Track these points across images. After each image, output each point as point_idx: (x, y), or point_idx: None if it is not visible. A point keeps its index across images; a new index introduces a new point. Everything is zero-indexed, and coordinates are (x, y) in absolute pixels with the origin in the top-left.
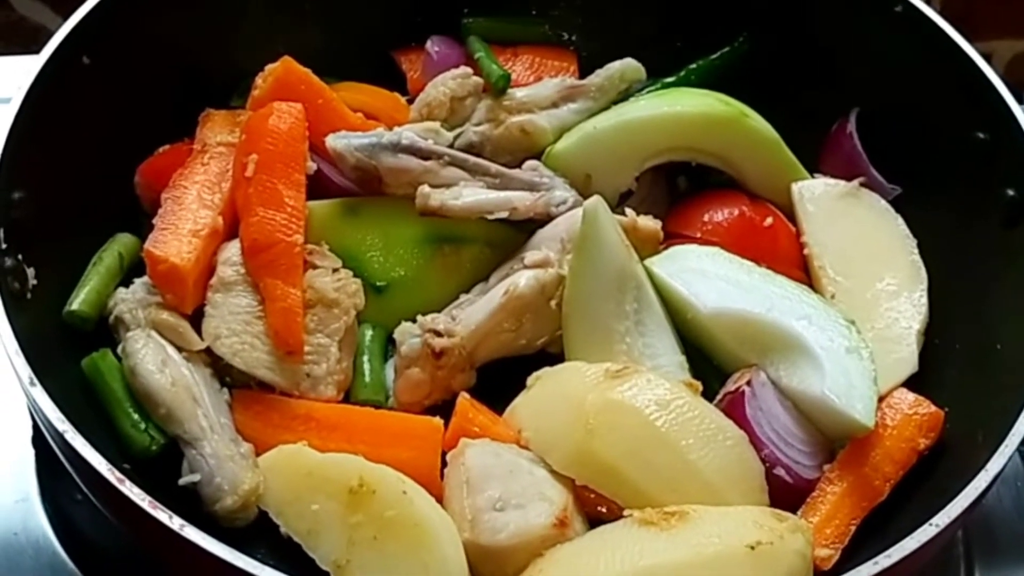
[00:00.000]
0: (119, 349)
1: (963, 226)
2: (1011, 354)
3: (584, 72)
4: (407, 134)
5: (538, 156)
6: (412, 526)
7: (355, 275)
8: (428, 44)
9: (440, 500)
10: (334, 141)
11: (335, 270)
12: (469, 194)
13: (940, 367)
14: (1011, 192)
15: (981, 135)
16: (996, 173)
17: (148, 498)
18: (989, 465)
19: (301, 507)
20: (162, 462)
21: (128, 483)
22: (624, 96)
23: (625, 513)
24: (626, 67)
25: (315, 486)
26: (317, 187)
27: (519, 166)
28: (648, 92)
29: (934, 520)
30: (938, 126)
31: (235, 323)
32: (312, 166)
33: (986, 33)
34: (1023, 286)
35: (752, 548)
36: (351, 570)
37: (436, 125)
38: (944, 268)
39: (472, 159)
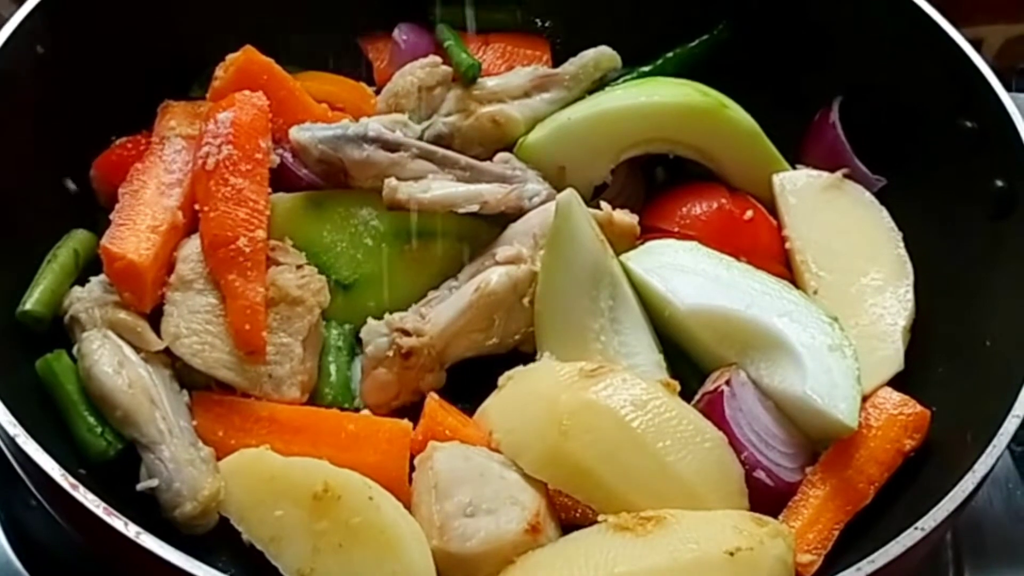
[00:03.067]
0: (74, 350)
1: (950, 218)
2: (1000, 350)
3: (558, 61)
4: (374, 126)
5: (510, 148)
6: (379, 533)
7: (320, 272)
8: (396, 32)
9: (408, 506)
10: (298, 133)
11: (299, 267)
12: (438, 187)
13: (927, 365)
14: (1000, 182)
15: (969, 123)
16: (985, 163)
17: (103, 504)
18: (977, 466)
19: (264, 513)
20: (119, 467)
21: (82, 489)
22: (599, 85)
23: (600, 518)
24: (601, 55)
25: (278, 491)
26: (280, 180)
27: (490, 158)
28: (624, 81)
29: (920, 524)
30: (924, 115)
31: (195, 322)
32: (275, 159)
33: (977, 18)
34: (1013, 280)
35: (731, 554)
36: None
37: (404, 116)
38: (931, 262)
39: (441, 151)
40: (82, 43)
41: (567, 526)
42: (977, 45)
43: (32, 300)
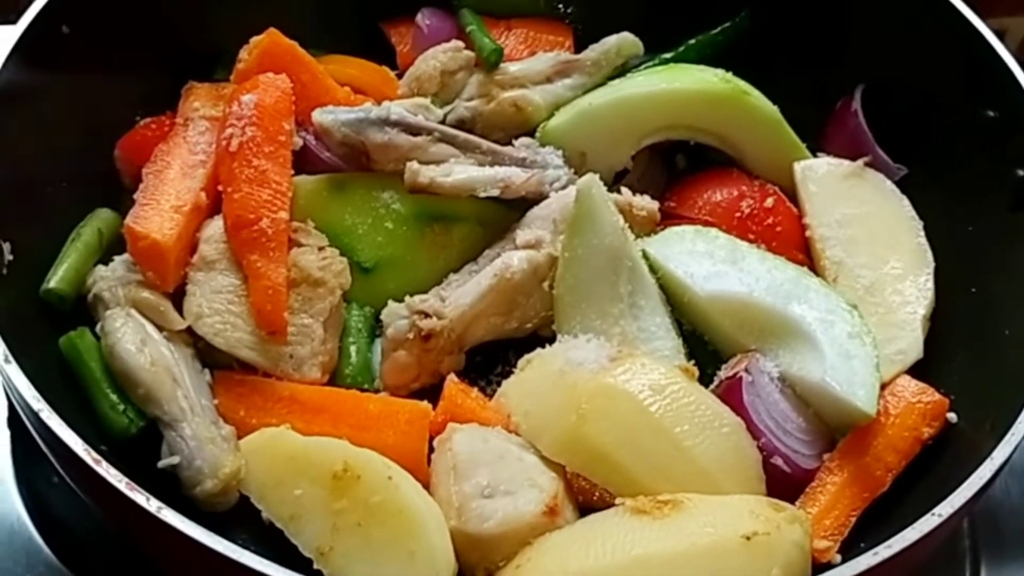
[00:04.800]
0: (97, 328)
1: (971, 208)
2: (1020, 339)
3: (580, 46)
4: (396, 109)
5: (531, 133)
6: (397, 513)
7: (341, 254)
8: (419, 16)
9: (427, 486)
10: (320, 116)
11: (321, 248)
12: (460, 171)
13: (946, 353)
14: (1021, 172)
15: (991, 113)
16: (1005, 153)
17: (125, 479)
18: (995, 454)
19: (284, 492)
20: (141, 444)
21: (104, 464)
22: (621, 72)
23: (617, 501)
24: (623, 42)
25: (298, 470)
26: (303, 163)
27: (511, 143)
28: (646, 68)
29: (937, 510)
30: (946, 104)
31: (217, 302)
32: (298, 141)
33: (1000, 8)
34: None
35: (748, 539)
36: (334, 557)
37: (426, 100)
38: (951, 251)
39: (463, 135)
40: (107, 24)
41: (585, 509)
42: (1000, 35)
43: (56, 278)
